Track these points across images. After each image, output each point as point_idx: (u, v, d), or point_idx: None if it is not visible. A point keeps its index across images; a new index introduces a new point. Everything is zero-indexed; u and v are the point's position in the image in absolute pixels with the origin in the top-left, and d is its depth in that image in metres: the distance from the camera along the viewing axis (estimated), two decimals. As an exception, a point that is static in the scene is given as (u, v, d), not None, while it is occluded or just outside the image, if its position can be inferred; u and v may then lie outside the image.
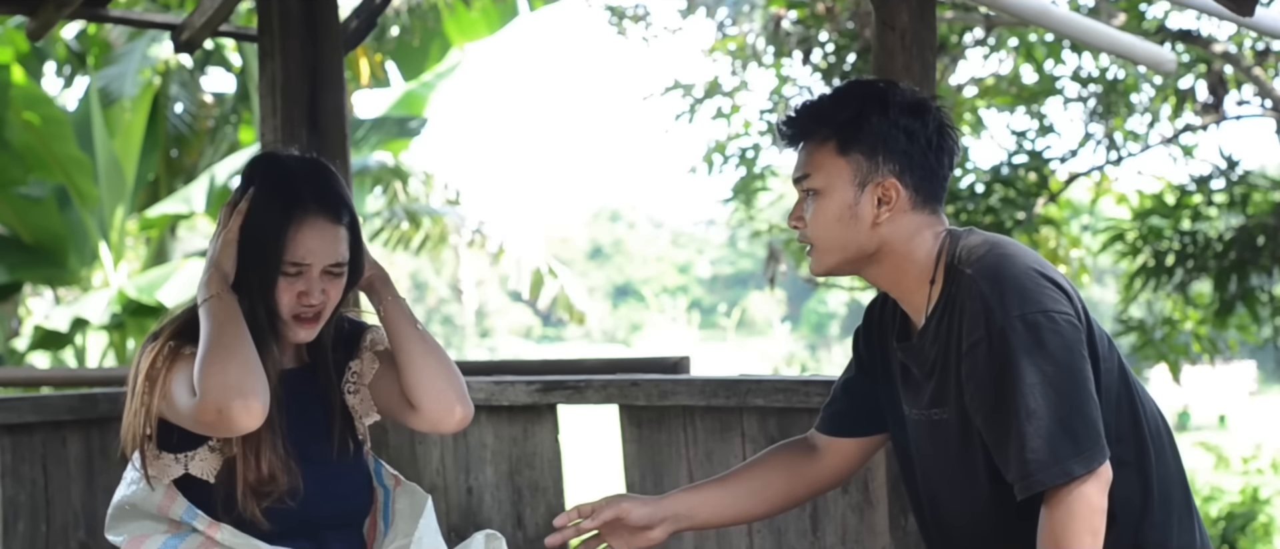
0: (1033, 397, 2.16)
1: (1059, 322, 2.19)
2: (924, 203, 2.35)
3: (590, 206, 64.34)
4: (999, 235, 2.33)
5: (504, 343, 45.66)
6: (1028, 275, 2.22)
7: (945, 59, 10.00)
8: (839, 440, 2.61)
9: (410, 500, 2.62)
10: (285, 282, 2.45)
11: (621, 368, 4.36)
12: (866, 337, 2.55)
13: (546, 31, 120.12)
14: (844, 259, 2.38)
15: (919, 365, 2.37)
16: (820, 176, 2.36)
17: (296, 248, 2.45)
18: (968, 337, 2.24)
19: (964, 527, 2.37)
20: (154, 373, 2.43)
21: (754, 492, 2.62)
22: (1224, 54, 9.35)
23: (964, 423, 2.29)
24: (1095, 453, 2.17)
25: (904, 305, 2.41)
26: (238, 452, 2.42)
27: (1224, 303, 9.12)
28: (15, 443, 3.97)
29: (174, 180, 12.85)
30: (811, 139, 2.38)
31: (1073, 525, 2.16)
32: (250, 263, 2.46)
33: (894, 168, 2.33)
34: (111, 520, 2.52)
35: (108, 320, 10.97)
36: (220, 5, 4.48)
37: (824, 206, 2.35)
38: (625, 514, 2.53)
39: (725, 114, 11.17)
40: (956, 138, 2.40)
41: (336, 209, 2.48)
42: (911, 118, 2.34)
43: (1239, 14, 3.33)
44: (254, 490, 2.42)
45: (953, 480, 2.36)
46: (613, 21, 11.46)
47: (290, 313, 2.47)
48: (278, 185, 2.49)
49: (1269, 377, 31.87)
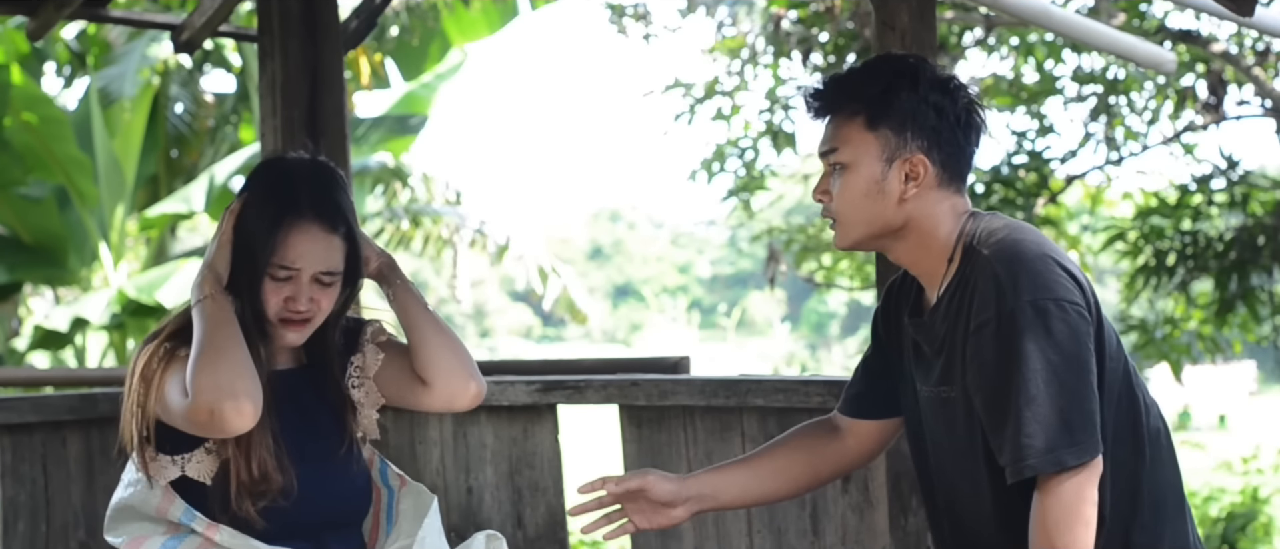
0: (1034, 383, 2.16)
1: (1069, 311, 2.19)
2: (950, 180, 2.35)
3: (590, 206, 64.39)
4: (1022, 222, 2.33)
5: (504, 343, 45.64)
6: (1042, 261, 2.22)
7: (945, 59, 10.00)
8: (859, 422, 2.61)
9: (415, 501, 2.61)
10: (273, 285, 2.45)
11: (621, 368, 4.37)
12: (885, 314, 2.55)
13: (547, 31, 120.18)
14: (869, 234, 2.37)
15: (929, 342, 2.37)
16: (848, 150, 2.35)
17: (286, 251, 2.44)
18: (976, 316, 2.24)
19: (969, 506, 2.37)
20: (149, 373, 2.43)
21: (778, 472, 2.62)
22: (1224, 54, 9.35)
23: (969, 402, 2.29)
24: (1089, 446, 2.17)
25: (923, 282, 2.41)
26: (231, 452, 2.41)
27: (1224, 302, 9.13)
28: (15, 443, 3.98)
29: (174, 180, 12.85)
30: (840, 113, 2.37)
31: (1063, 515, 2.16)
32: (241, 263, 2.45)
33: (922, 144, 2.32)
34: (110, 521, 2.52)
35: (108, 320, 10.98)
36: (220, 5, 4.48)
37: (851, 180, 2.34)
38: (650, 487, 2.53)
39: (725, 115, 11.17)
40: (983, 117, 2.39)
41: (332, 218, 2.47)
42: (941, 94, 2.34)
43: (1239, 14, 3.33)
44: (248, 490, 2.41)
45: (958, 459, 2.36)
46: (613, 21, 11.45)
47: (277, 316, 2.46)
48: (275, 187, 2.49)
49: (1269, 377, 31.86)
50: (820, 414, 2.72)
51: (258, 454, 2.41)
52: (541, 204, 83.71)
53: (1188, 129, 10.10)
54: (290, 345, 2.52)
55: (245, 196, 2.49)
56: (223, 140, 12.72)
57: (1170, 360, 9.74)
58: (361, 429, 2.61)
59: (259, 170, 2.57)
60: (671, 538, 3.74)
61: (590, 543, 9.67)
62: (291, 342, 2.50)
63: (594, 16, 34.26)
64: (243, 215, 2.47)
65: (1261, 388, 30.55)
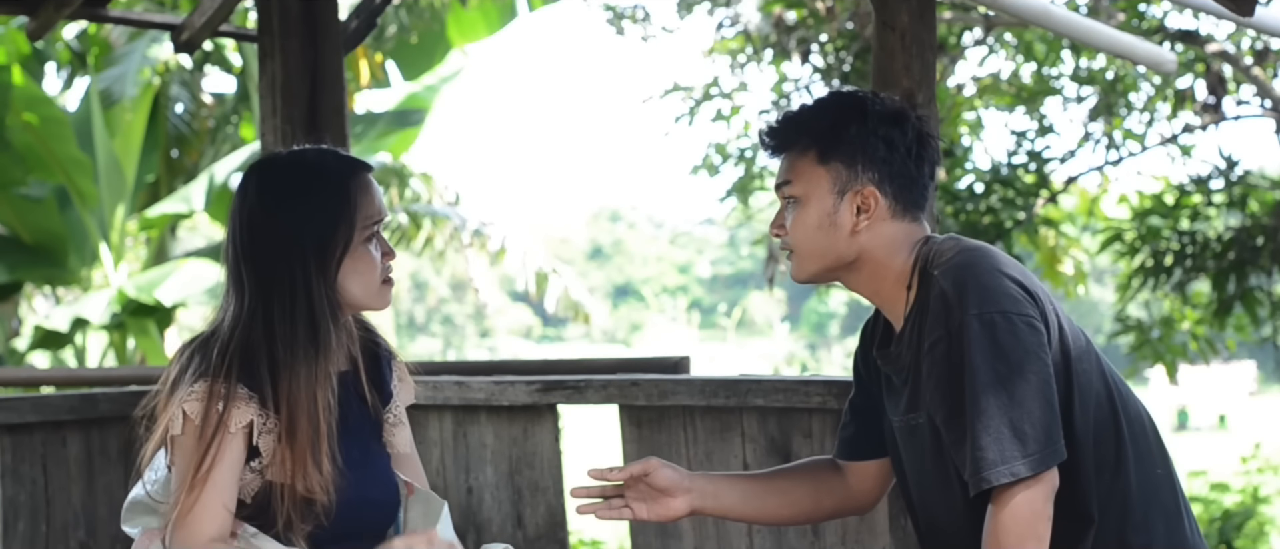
0: (985, 395, 2.17)
1: (1016, 322, 2.20)
2: (904, 211, 2.37)
3: (590, 206, 64.40)
4: (974, 240, 2.34)
5: (504, 343, 45.63)
6: (990, 275, 2.23)
7: (945, 59, 10.01)
8: (857, 464, 2.62)
9: (425, 508, 2.55)
10: (364, 251, 2.36)
11: (621, 368, 4.37)
12: (863, 353, 2.57)
13: (546, 32, 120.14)
14: (823, 267, 2.41)
15: (897, 372, 2.39)
16: (801, 184, 2.40)
17: (370, 204, 2.37)
18: (929, 335, 2.26)
19: (950, 529, 2.38)
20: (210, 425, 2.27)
21: (781, 493, 2.63)
22: (1223, 54, 9.35)
23: (934, 425, 2.30)
24: (1043, 457, 2.17)
25: (886, 314, 2.43)
26: (286, 476, 2.31)
27: (1223, 303, 9.13)
28: (15, 443, 3.97)
29: (174, 180, 12.86)
30: (793, 148, 2.42)
31: (1014, 528, 2.17)
32: (310, 262, 2.32)
33: (873, 176, 2.36)
34: (127, 512, 2.48)
35: (108, 320, 10.98)
36: (220, 5, 4.48)
37: (804, 214, 2.39)
38: (654, 470, 2.54)
39: (724, 116, 11.17)
40: (937, 147, 2.43)
41: (369, 166, 2.45)
42: (891, 126, 2.37)
43: (1239, 14, 3.33)
44: (298, 512, 2.32)
45: (934, 484, 2.37)
46: (612, 22, 11.45)
47: (382, 278, 2.39)
48: (311, 168, 2.39)
49: (1269, 377, 31.86)
50: (820, 414, 2.73)
51: (314, 480, 2.31)
52: (541, 204, 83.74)
53: (1186, 130, 10.10)
54: (384, 307, 2.43)
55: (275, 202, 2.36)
56: (223, 140, 12.73)
57: (1165, 362, 9.74)
58: (392, 446, 2.54)
59: (278, 173, 2.43)
60: (671, 538, 3.74)
61: (591, 543, 9.68)
62: (385, 303, 2.42)
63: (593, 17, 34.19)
64: (286, 220, 2.34)
65: (1261, 388, 30.56)
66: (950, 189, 9.79)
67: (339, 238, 2.35)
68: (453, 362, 7.37)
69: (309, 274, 2.33)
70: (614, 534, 9.87)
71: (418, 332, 45.26)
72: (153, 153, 12.24)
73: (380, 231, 2.41)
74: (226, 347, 2.31)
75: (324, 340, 2.32)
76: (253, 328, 2.32)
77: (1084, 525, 2.26)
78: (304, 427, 2.30)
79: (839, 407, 3.23)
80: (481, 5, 11.93)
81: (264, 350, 2.31)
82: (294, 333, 2.31)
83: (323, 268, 2.34)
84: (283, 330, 2.31)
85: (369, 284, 2.39)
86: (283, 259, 2.33)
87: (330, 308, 2.34)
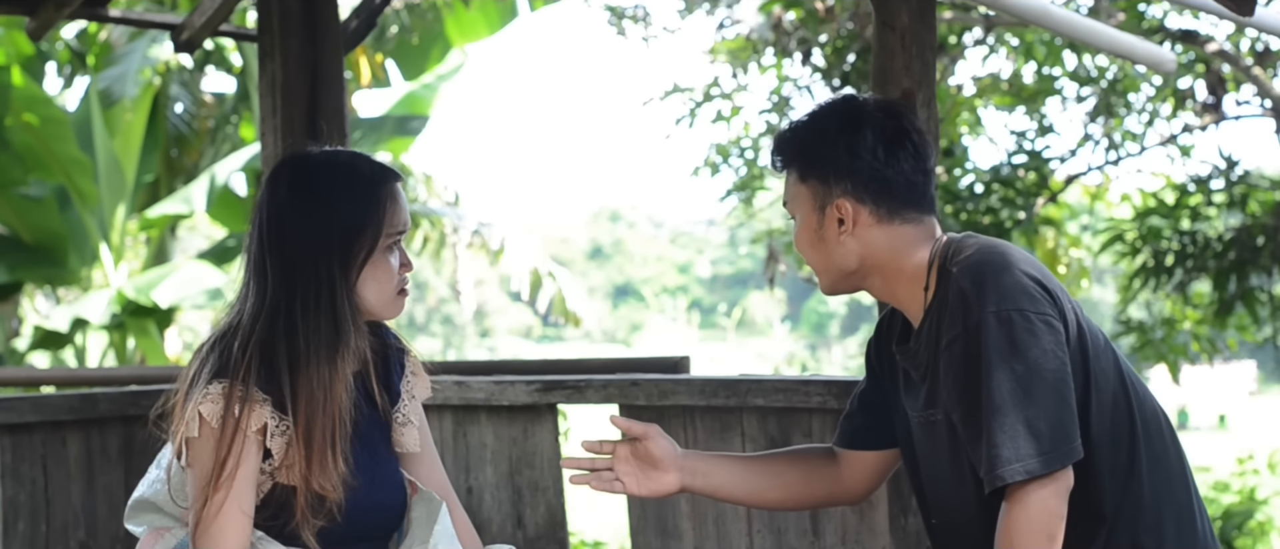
0: (1000, 393, 2.17)
1: (1034, 321, 2.19)
2: (892, 214, 2.37)
3: (590, 207, 64.39)
4: (996, 239, 2.34)
5: (504, 343, 45.63)
6: (1008, 273, 2.23)
7: (945, 59, 10.00)
8: (856, 454, 2.62)
9: (426, 507, 2.53)
10: (383, 260, 2.36)
11: (621, 368, 4.37)
12: (877, 346, 2.57)
13: (546, 32, 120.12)
14: (836, 279, 2.44)
15: (916, 368, 2.39)
16: (792, 204, 2.45)
17: (395, 215, 2.37)
18: (947, 333, 2.26)
19: (963, 526, 2.38)
20: (228, 429, 2.26)
21: (772, 475, 2.63)
22: (1223, 54, 9.35)
23: (951, 422, 2.30)
24: (1058, 456, 2.17)
25: (905, 312, 2.43)
26: (298, 478, 2.30)
27: (1223, 303, 9.12)
28: (15, 443, 3.97)
29: (174, 180, 12.86)
30: (785, 169, 2.47)
31: (1028, 526, 2.17)
32: (327, 267, 2.31)
33: (846, 187, 2.37)
34: (131, 510, 2.48)
35: (108, 320, 10.98)
36: (220, 5, 4.48)
37: (799, 233, 2.44)
38: (652, 436, 2.56)
39: (725, 117, 11.17)
40: (919, 140, 2.40)
41: (399, 175, 2.43)
42: (851, 135, 2.37)
43: (1239, 14, 3.33)
44: (310, 508, 2.32)
45: (949, 480, 2.37)
46: (612, 22, 11.45)
47: (397, 289, 2.39)
48: (340, 173, 2.37)
49: (1269, 377, 31.88)
50: (820, 414, 2.73)
51: (330, 475, 2.31)
52: (541, 204, 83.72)
53: (1186, 130, 10.09)
54: (395, 317, 2.44)
55: (309, 197, 2.35)
56: (223, 140, 12.73)
57: (1167, 361, 9.74)
58: (401, 446, 2.52)
59: (312, 170, 2.40)
60: (671, 538, 3.74)
61: (591, 543, 9.68)
62: (397, 313, 2.43)
63: (593, 18, 34.23)
64: (317, 216, 2.33)
65: (1261, 388, 30.56)
66: (950, 189, 9.79)
67: (365, 242, 2.34)
68: (453, 361, 7.36)
69: (334, 272, 2.32)
70: (614, 534, 9.86)
71: (418, 332, 45.26)
72: (153, 153, 12.23)
73: (401, 243, 2.41)
74: (247, 341, 2.29)
75: (346, 338, 2.32)
76: (275, 321, 2.30)
77: (1096, 525, 2.26)
78: (321, 425, 2.29)
79: (839, 406, 3.23)
80: (482, 5, 11.94)
81: (284, 346, 2.29)
82: (318, 328, 2.30)
83: (345, 269, 2.33)
84: (306, 325, 2.30)
85: (384, 292, 2.39)
86: (310, 254, 2.32)
87: (351, 309, 2.34)
